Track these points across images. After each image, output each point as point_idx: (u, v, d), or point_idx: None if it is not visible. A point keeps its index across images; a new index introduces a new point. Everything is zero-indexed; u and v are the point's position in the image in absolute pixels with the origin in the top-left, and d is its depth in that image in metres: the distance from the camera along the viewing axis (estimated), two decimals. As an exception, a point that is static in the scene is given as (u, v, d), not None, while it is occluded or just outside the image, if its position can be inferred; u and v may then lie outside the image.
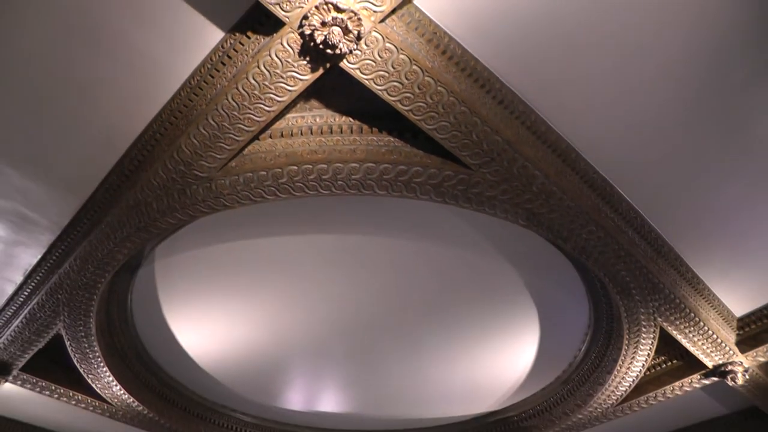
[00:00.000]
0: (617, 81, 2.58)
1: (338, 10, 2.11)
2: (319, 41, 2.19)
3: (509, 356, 5.24)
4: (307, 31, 2.17)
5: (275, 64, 2.40)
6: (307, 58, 2.36)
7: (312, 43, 2.21)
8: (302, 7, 2.13)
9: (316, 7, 2.12)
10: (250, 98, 2.56)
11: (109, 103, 2.80)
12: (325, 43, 2.19)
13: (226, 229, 3.94)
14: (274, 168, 2.94)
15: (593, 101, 2.69)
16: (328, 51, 2.23)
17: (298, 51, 2.33)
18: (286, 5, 2.13)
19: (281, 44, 2.32)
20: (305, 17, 2.15)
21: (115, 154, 3.10)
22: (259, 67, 2.42)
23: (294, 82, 2.47)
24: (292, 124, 2.91)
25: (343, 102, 2.87)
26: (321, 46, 2.21)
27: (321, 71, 2.41)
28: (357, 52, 2.32)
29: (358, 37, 2.21)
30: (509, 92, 2.65)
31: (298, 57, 2.36)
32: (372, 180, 2.99)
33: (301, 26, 2.19)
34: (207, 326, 4.89)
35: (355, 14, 2.14)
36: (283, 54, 2.35)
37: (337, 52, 2.24)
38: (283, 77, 2.45)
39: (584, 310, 4.58)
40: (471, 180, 2.95)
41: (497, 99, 2.64)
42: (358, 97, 2.74)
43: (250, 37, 2.39)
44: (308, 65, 2.39)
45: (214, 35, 2.46)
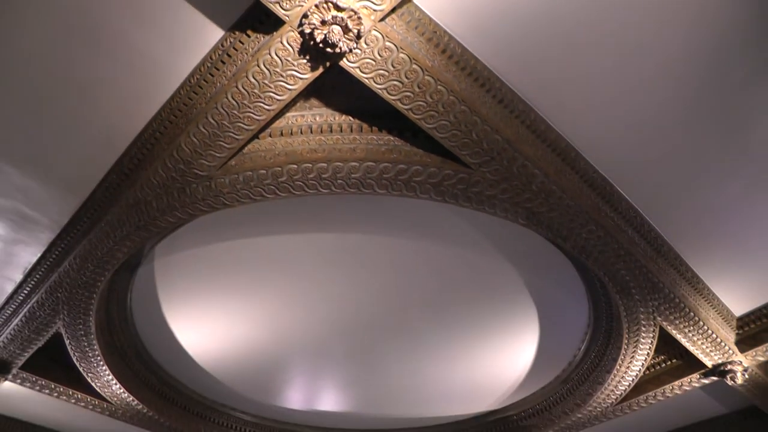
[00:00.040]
0: (617, 80, 2.58)
1: (338, 8, 2.11)
2: (318, 40, 2.19)
3: (509, 355, 5.24)
4: (307, 30, 2.17)
5: (275, 63, 2.40)
6: (307, 57, 2.36)
7: (312, 42, 2.21)
8: (302, 6, 2.13)
9: (316, 6, 2.12)
10: (250, 97, 2.56)
11: (109, 103, 2.80)
12: (325, 41, 2.19)
13: (226, 228, 3.94)
14: (274, 167, 2.94)
15: (593, 100, 2.69)
16: (328, 50, 2.23)
17: (298, 50, 2.33)
18: (286, 4, 2.13)
19: (281, 43, 2.32)
20: (305, 16, 2.15)
21: (115, 153, 3.10)
22: (258, 66, 2.42)
23: (294, 81, 2.47)
24: (292, 122, 2.91)
25: (342, 101, 2.87)
26: (321, 45, 2.21)
27: (321, 70, 2.41)
28: (357, 50, 2.31)
29: (358, 36, 2.21)
30: (509, 91, 2.66)
31: (297, 56, 2.36)
32: (372, 179, 2.99)
33: (300, 25, 2.19)
34: (207, 325, 4.89)
35: (355, 13, 2.14)
36: (283, 53, 2.35)
37: (337, 51, 2.23)
38: (282, 76, 2.45)
39: (584, 310, 4.58)
40: (471, 179, 2.95)
41: (497, 98, 2.65)
42: (357, 96, 2.74)
43: (250, 36, 2.39)
44: (308, 64, 2.39)
45: (214, 34, 2.46)
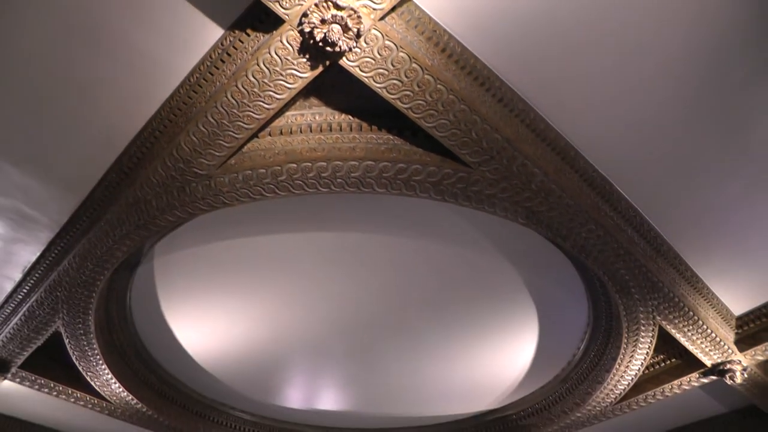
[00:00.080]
0: (616, 79, 2.58)
1: (338, 7, 2.11)
2: (318, 39, 2.18)
3: (508, 354, 5.24)
4: (307, 29, 2.17)
5: (275, 62, 2.40)
6: (307, 56, 2.36)
7: (311, 41, 2.21)
8: (302, 5, 2.13)
9: (316, 5, 2.11)
10: (250, 96, 2.56)
11: (109, 102, 2.80)
12: (325, 40, 2.19)
13: (226, 227, 3.94)
14: (274, 166, 2.94)
15: (592, 99, 2.69)
16: (328, 48, 2.22)
17: (298, 48, 2.33)
18: (286, 3, 2.13)
19: (281, 42, 2.31)
20: (305, 15, 2.15)
21: (115, 152, 3.10)
22: (258, 65, 2.42)
23: (293, 80, 2.47)
24: (292, 121, 2.91)
25: (342, 100, 2.87)
26: (320, 44, 2.20)
27: (320, 69, 2.41)
28: (356, 49, 2.31)
29: (358, 35, 2.20)
30: (509, 90, 2.65)
31: (297, 54, 2.35)
32: (371, 178, 2.99)
33: (300, 24, 2.19)
34: (206, 324, 4.88)
35: (355, 12, 2.14)
36: (283, 51, 2.35)
37: (337, 50, 2.23)
38: (282, 75, 2.45)
39: (583, 309, 4.58)
40: (470, 178, 2.95)
41: (497, 97, 2.64)
42: (357, 95, 2.74)
43: (249, 35, 2.38)
44: (308, 63, 2.39)
45: (214, 33, 2.45)
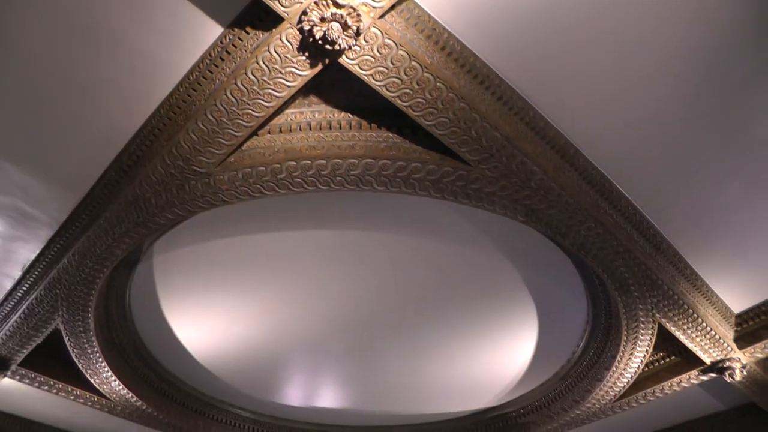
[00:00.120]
0: (616, 77, 2.58)
1: (337, 5, 2.11)
2: (318, 37, 2.18)
3: (508, 352, 5.25)
4: (306, 27, 2.17)
5: (274, 60, 2.39)
6: (306, 54, 2.35)
7: (311, 39, 2.20)
8: (301, 3, 2.13)
9: (315, 3, 2.11)
10: (249, 94, 2.55)
11: (108, 100, 2.80)
12: (324, 38, 2.18)
13: (225, 225, 3.94)
14: (273, 163, 2.94)
15: (592, 97, 2.69)
16: (327, 47, 2.22)
17: (297, 47, 2.32)
18: (285, 1, 2.12)
19: (280, 40, 2.31)
20: (304, 13, 2.14)
21: (114, 150, 3.10)
22: (257, 63, 2.42)
23: (293, 78, 2.47)
24: (291, 119, 2.90)
25: (341, 98, 2.87)
26: (320, 42, 2.20)
27: (320, 67, 2.41)
28: (356, 48, 2.31)
29: (357, 33, 2.20)
30: (508, 88, 2.65)
31: (297, 53, 2.35)
32: (371, 176, 2.99)
33: (300, 22, 2.18)
34: (206, 322, 4.89)
35: (354, 10, 2.13)
36: (282, 50, 2.35)
37: (336, 48, 2.23)
38: (282, 73, 2.45)
39: (583, 307, 4.58)
40: (470, 176, 2.95)
41: (496, 95, 2.64)
42: (357, 93, 2.73)
43: (248, 33, 2.38)
44: (307, 61, 2.38)
45: (213, 31, 2.45)
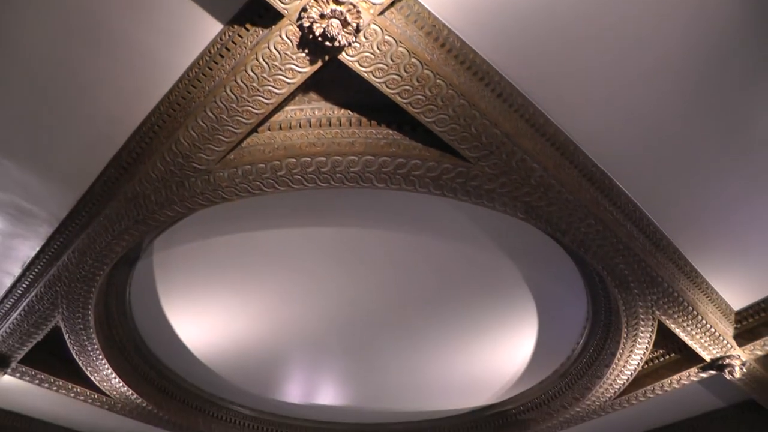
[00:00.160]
0: (616, 74, 2.57)
1: (337, 2, 2.10)
2: (317, 34, 2.17)
3: (507, 350, 5.25)
4: (306, 24, 2.16)
5: (274, 57, 2.39)
6: (306, 51, 2.35)
7: (311, 36, 2.20)
8: (301, 0, 2.13)
9: (315, 0, 2.11)
10: (249, 90, 2.55)
11: (107, 97, 2.80)
12: (324, 35, 2.18)
13: (225, 222, 3.94)
14: (273, 161, 2.94)
15: (592, 94, 2.68)
16: (327, 43, 2.21)
17: (297, 43, 2.32)
18: (285, -3, 2.12)
19: (280, 36, 2.31)
20: (304, 9, 2.14)
21: (114, 147, 3.10)
22: (257, 60, 2.42)
23: (293, 75, 2.47)
24: (291, 116, 2.90)
25: (341, 94, 2.86)
26: (320, 39, 2.19)
27: (320, 64, 2.41)
28: (356, 44, 2.31)
29: (357, 30, 2.20)
30: (508, 85, 2.65)
31: (296, 49, 2.35)
32: (371, 173, 2.99)
33: (299, 18, 2.18)
34: (206, 319, 4.89)
35: (354, 6, 2.13)
36: (282, 46, 2.35)
37: (336, 45, 2.22)
38: (281, 70, 2.45)
39: (582, 304, 4.58)
40: (469, 173, 2.95)
41: (496, 92, 2.64)
42: (356, 90, 2.73)
43: (248, 30, 2.37)
44: (307, 58, 2.38)
45: (213, 27, 2.45)
